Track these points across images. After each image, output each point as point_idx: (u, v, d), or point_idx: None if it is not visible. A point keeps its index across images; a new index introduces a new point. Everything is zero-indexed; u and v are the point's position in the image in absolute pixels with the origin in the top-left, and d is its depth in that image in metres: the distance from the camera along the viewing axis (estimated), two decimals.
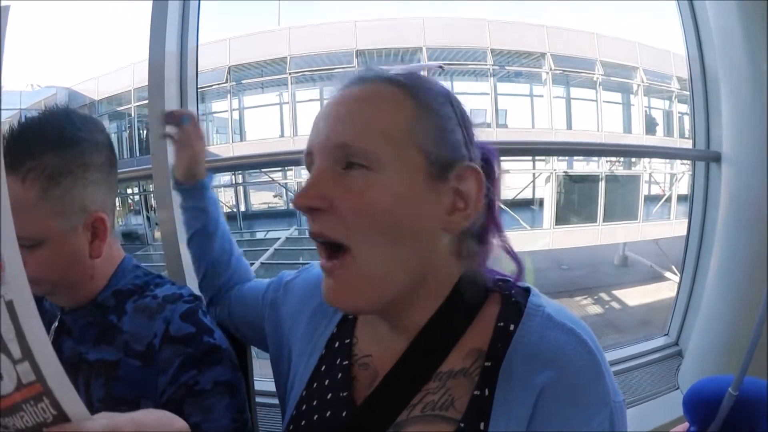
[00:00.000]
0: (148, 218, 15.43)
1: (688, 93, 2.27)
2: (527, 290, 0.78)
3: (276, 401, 1.03)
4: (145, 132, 14.74)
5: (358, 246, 0.69)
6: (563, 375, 0.66)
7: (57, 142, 0.92)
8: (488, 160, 0.79)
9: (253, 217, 15.84)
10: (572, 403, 0.66)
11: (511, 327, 0.72)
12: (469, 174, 0.72)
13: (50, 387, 0.43)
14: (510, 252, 0.80)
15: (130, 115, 15.57)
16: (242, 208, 16.04)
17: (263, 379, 1.90)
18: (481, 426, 0.67)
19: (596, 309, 11.01)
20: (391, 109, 0.70)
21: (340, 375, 0.83)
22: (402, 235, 0.69)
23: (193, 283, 1.88)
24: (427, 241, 0.71)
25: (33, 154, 0.90)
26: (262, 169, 14.13)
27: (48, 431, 0.44)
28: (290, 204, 0.73)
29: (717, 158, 2.08)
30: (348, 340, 0.86)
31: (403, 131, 0.69)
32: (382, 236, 0.69)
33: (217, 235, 1.18)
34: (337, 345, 0.87)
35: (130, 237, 15.94)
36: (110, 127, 15.81)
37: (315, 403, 0.83)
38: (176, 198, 1.24)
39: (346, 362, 0.83)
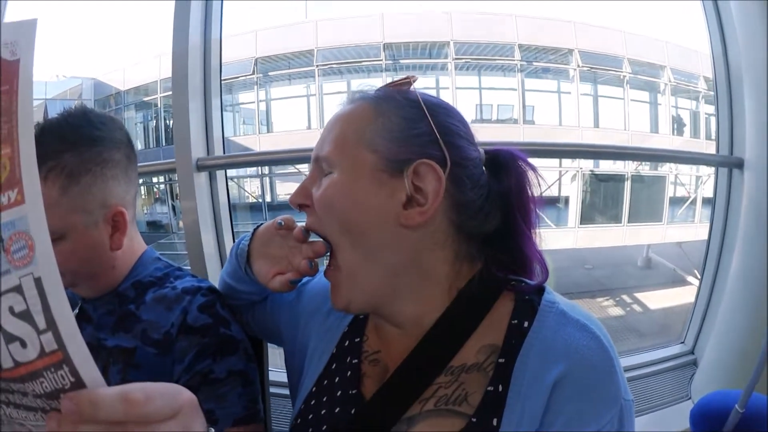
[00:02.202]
0: (173, 207, 15.58)
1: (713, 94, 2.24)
2: (541, 289, 0.79)
3: None
4: (171, 122, 14.87)
5: (339, 249, 0.79)
6: (576, 370, 0.67)
7: (76, 142, 0.96)
8: (499, 162, 0.82)
9: (279, 207, 15.90)
10: (584, 398, 0.67)
11: (525, 324, 0.73)
12: (425, 170, 0.74)
13: (70, 355, 0.46)
14: (539, 261, 0.81)
15: (156, 105, 15.71)
16: (268, 199, 16.11)
17: (279, 369, 1.91)
18: (494, 422, 0.68)
19: (618, 311, 10.86)
20: (353, 120, 0.79)
21: (349, 373, 0.84)
22: (360, 228, 0.76)
23: (213, 270, 1.92)
24: (389, 235, 0.75)
25: (52, 155, 0.93)
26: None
27: (66, 396, 0.47)
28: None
29: (740, 165, 2.05)
30: (358, 339, 0.88)
31: (355, 136, 0.77)
32: (346, 231, 0.77)
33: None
34: (347, 344, 0.89)
35: (155, 225, 16.13)
36: (136, 117, 16.00)
37: (324, 399, 0.85)
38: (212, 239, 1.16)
39: (356, 360, 0.85)
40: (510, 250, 0.81)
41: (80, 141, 0.96)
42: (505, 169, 0.82)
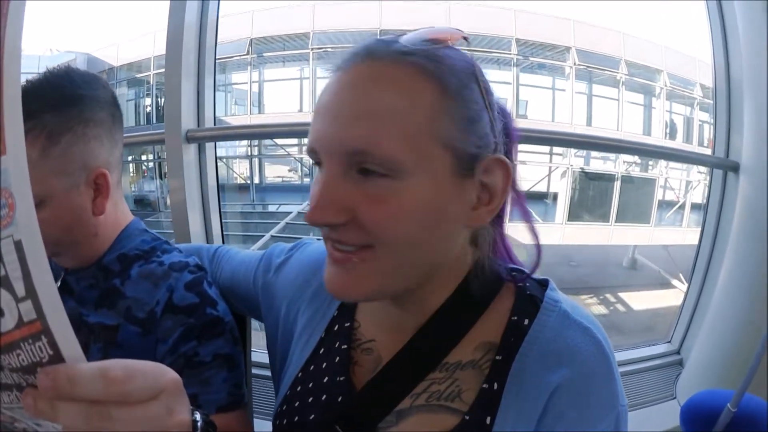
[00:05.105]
0: (162, 185, 15.53)
1: (710, 101, 2.25)
2: (543, 283, 0.76)
3: None
4: (163, 100, 14.86)
5: (381, 245, 0.63)
6: (578, 375, 0.65)
7: (56, 101, 0.92)
8: (507, 129, 0.73)
9: (267, 189, 15.90)
10: (584, 404, 0.65)
11: (526, 321, 0.71)
12: (496, 166, 0.66)
13: (50, 326, 0.43)
14: (533, 237, 0.76)
15: (149, 82, 15.62)
16: (256, 180, 16.10)
17: (262, 351, 1.90)
18: (487, 420, 0.66)
19: (601, 309, 10.96)
20: (411, 99, 0.61)
21: (338, 359, 0.81)
22: (426, 236, 0.65)
23: None
24: (448, 237, 0.68)
25: (32, 115, 0.89)
26: (278, 142, 14.19)
27: (43, 370, 0.44)
28: (305, 217, 0.63)
29: (735, 168, 2.04)
30: (348, 324, 0.84)
31: (425, 126, 0.61)
32: (407, 239, 0.63)
33: None
34: (336, 328, 0.86)
35: (142, 203, 16.07)
36: (128, 94, 15.89)
37: (311, 385, 0.82)
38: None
39: (345, 346, 0.82)
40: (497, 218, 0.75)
41: (61, 100, 0.93)
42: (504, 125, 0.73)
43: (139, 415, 0.47)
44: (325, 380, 0.81)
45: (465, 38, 0.67)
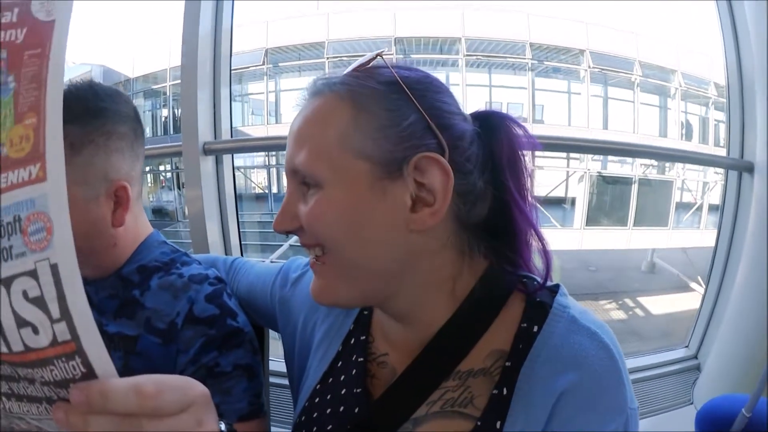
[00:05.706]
0: (180, 195, 15.62)
1: (724, 100, 2.22)
2: (554, 288, 0.76)
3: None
4: (179, 111, 14.92)
5: (332, 249, 0.71)
6: (584, 380, 0.66)
7: (80, 113, 0.93)
8: (489, 125, 0.75)
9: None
10: (590, 408, 0.66)
11: (535, 328, 0.71)
12: (427, 163, 0.68)
13: (84, 348, 0.44)
14: (542, 250, 0.76)
15: (165, 93, 15.74)
16: (274, 190, 16.14)
17: (279, 359, 1.90)
18: (498, 425, 0.67)
19: (620, 314, 10.82)
20: (325, 123, 0.70)
21: (354, 371, 0.83)
22: (364, 240, 0.70)
23: None
24: (385, 241, 0.70)
25: None
26: None
27: (76, 386, 0.45)
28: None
29: (750, 168, 2.02)
30: (363, 337, 0.86)
31: (336, 143, 0.69)
32: (345, 243, 0.70)
33: None
34: (353, 341, 0.87)
35: (160, 213, 16.16)
36: (145, 105, 16.02)
37: (329, 397, 0.83)
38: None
39: (361, 359, 0.83)
40: (503, 230, 0.76)
41: (84, 113, 0.94)
42: (495, 132, 0.75)
43: (170, 427, 0.49)
44: (343, 392, 0.82)
45: (378, 55, 0.74)
